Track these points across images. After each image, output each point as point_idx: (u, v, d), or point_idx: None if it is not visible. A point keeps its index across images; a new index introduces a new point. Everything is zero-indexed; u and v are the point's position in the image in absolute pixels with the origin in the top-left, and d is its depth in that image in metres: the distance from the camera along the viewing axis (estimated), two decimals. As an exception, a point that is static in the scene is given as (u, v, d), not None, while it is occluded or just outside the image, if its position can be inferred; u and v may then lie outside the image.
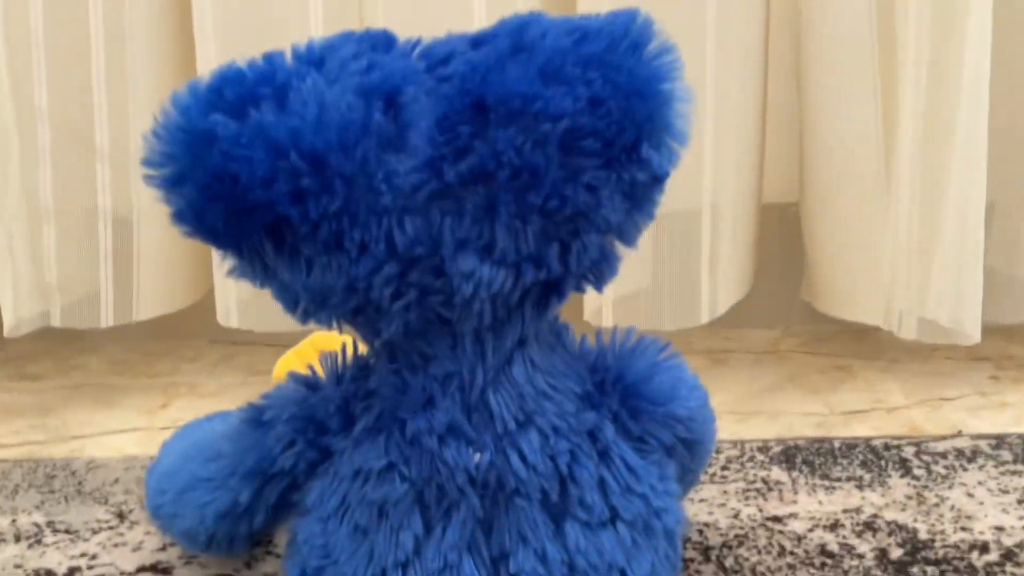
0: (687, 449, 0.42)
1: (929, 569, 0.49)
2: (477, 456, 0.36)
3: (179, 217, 0.35)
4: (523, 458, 0.36)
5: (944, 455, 0.63)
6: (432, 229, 0.34)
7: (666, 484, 0.40)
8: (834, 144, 0.75)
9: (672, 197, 0.37)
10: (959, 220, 0.70)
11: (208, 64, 0.74)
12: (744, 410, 0.75)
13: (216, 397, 0.82)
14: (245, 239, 0.35)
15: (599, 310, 0.76)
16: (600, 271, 0.37)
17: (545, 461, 0.37)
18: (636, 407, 0.39)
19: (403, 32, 0.37)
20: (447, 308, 0.35)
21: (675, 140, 0.35)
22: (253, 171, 0.33)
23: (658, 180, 0.36)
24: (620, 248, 0.38)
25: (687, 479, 0.44)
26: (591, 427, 0.38)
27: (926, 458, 0.63)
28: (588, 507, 0.37)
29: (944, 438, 0.66)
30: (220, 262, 0.38)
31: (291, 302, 0.36)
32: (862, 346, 0.89)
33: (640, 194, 0.36)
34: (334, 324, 0.37)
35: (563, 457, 0.37)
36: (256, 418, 0.40)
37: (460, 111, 0.33)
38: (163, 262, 0.82)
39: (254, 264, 0.36)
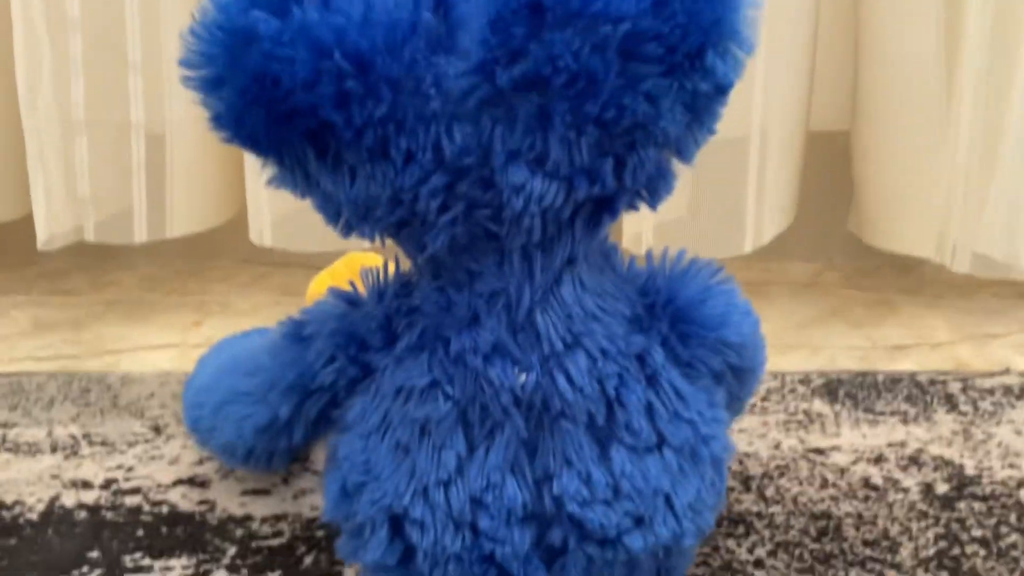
0: (736, 376, 0.41)
1: (976, 505, 0.48)
2: (523, 376, 0.35)
3: (218, 121, 0.33)
4: (570, 380, 0.35)
5: (991, 391, 0.61)
6: (482, 138, 0.32)
7: (714, 411, 0.38)
8: (891, 66, 0.72)
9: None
10: (1020, 151, 0.67)
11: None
12: (785, 343, 0.73)
13: (249, 316, 0.82)
14: (286, 146, 0.33)
15: (639, 236, 0.74)
16: (655, 188, 0.35)
17: (592, 384, 0.36)
18: (686, 331, 0.38)
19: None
20: (495, 222, 0.34)
21: (741, 48, 0.33)
22: (295, 72, 0.31)
23: (722, 90, 0.33)
24: (676, 164, 0.36)
25: (734, 407, 0.43)
26: (640, 351, 0.37)
27: (973, 394, 0.61)
28: (635, 432, 0.36)
29: (991, 375, 0.64)
30: (260, 171, 0.36)
31: (333, 213, 0.35)
32: (906, 281, 0.87)
33: (702, 105, 0.34)
34: (377, 237, 0.35)
35: (611, 380, 0.36)
36: (296, 333, 0.39)
37: (514, 11, 0.31)
38: (196, 178, 0.81)
39: (295, 173, 0.34)
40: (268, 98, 0.32)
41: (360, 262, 0.62)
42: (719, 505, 0.40)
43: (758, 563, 0.43)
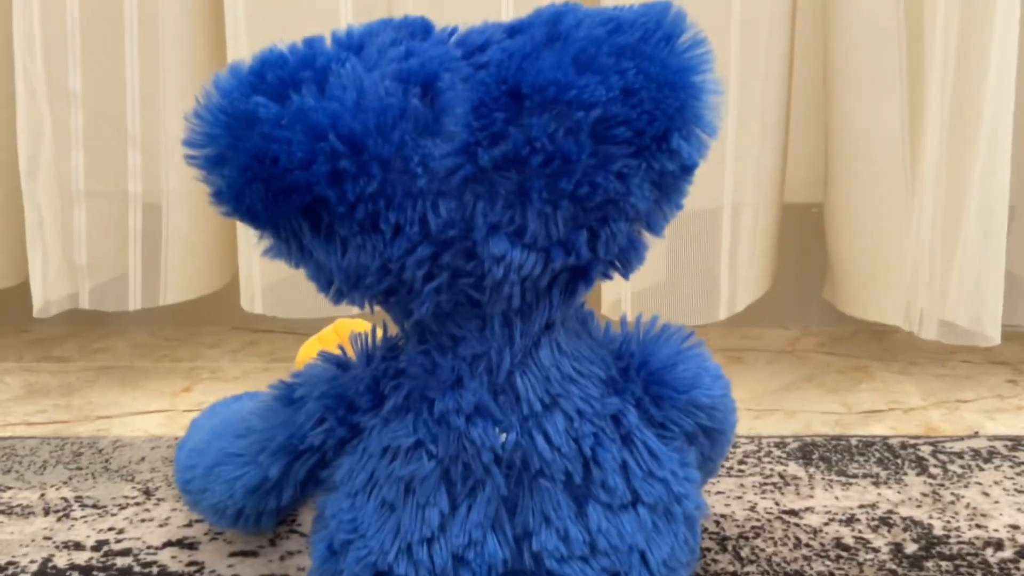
0: (707, 437, 0.42)
1: (944, 564, 0.50)
2: (503, 436, 0.37)
3: (219, 197, 0.36)
4: (548, 439, 0.37)
5: (960, 455, 0.63)
6: (465, 212, 0.34)
7: (687, 470, 0.40)
8: (860, 143, 0.75)
9: (693, 194, 0.38)
10: (981, 222, 0.70)
11: (238, 53, 0.76)
12: (761, 407, 0.75)
13: (238, 381, 0.83)
14: (283, 219, 0.35)
15: (617, 303, 0.76)
16: (627, 258, 0.38)
17: (569, 443, 0.37)
18: (659, 394, 0.40)
19: (434, 21, 0.38)
20: (478, 290, 0.36)
21: (705, 131, 0.36)
22: (293, 153, 0.33)
23: (687, 170, 0.36)
24: (647, 237, 0.38)
25: (707, 468, 0.45)
26: (615, 412, 0.39)
27: (943, 457, 0.63)
28: (610, 490, 0.38)
29: (961, 438, 0.66)
30: (252, 241, 0.39)
31: (325, 282, 0.37)
32: (880, 347, 0.90)
33: (669, 184, 0.36)
34: (367, 305, 0.38)
35: (587, 440, 0.38)
36: (287, 395, 0.41)
37: (496, 98, 0.34)
38: (190, 248, 0.84)
39: (290, 244, 0.37)
40: (267, 176, 0.34)
41: (348, 328, 0.64)
42: (692, 563, 0.41)
43: (732, 620, 0.44)
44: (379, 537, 0.38)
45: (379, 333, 0.41)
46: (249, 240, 0.77)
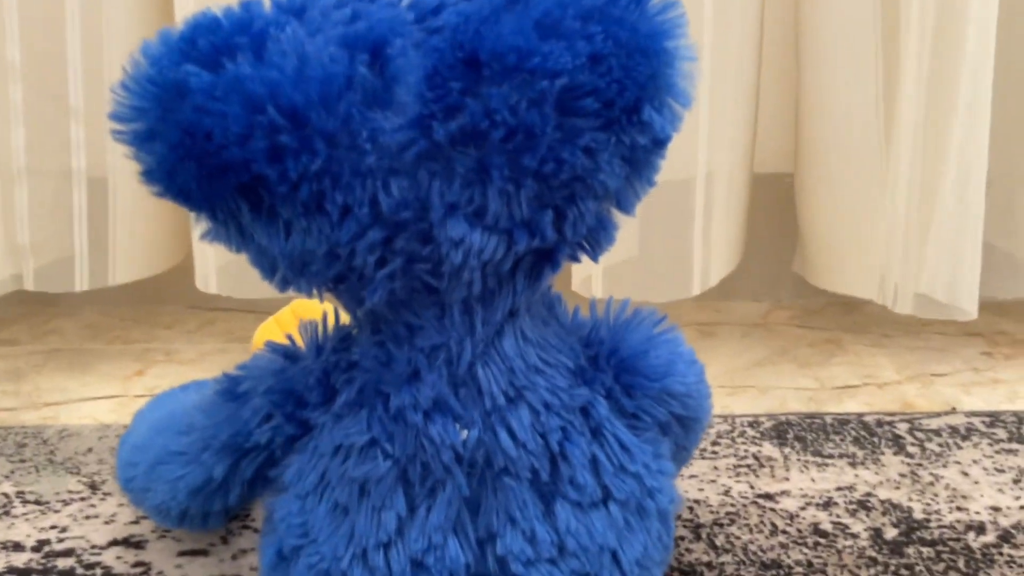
0: (682, 426, 0.40)
1: (925, 550, 0.48)
2: (464, 433, 0.35)
3: (149, 176, 0.33)
4: (512, 435, 0.35)
5: (938, 432, 0.62)
6: (420, 192, 0.32)
7: (660, 463, 0.38)
8: (833, 112, 0.73)
9: (665, 165, 0.35)
10: (959, 193, 0.68)
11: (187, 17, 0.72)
12: (734, 384, 0.73)
13: (194, 364, 0.80)
14: (219, 200, 0.32)
15: (588, 280, 0.74)
16: (596, 239, 0.35)
17: (535, 439, 0.35)
18: (631, 383, 0.38)
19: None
20: (435, 277, 0.33)
21: (678, 102, 0.33)
22: (228, 127, 0.30)
23: (659, 144, 0.34)
24: (617, 216, 0.36)
25: (680, 456, 0.43)
26: (584, 403, 0.36)
27: (920, 435, 0.61)
28: (580, 487, 0.35)
29: (938, 415, 0.65)
30: (193, 225, 0.35)
31: (269, 268, 0.34)
32: (852, 320, 0.88)
33: (640, 158, 0.34)
34: (315, 292, 0.35)
35: (554, 435, 0.35)
36: (231, 390, 0.38)
37: (451, 66, 0.31)
38: (140, 225, 0.80)
39: (229, 227, 0.34)
40: (200, 152, 0.31)
41: (307, 309, 0.61)
42: (666, 560, 0.39)
43: (708, 615, 0.43)
44: (332, 542, 0.35)
45: (330, 321, 0.38)
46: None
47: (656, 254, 0.73)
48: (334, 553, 0.35)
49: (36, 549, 0.48)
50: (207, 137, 0.31)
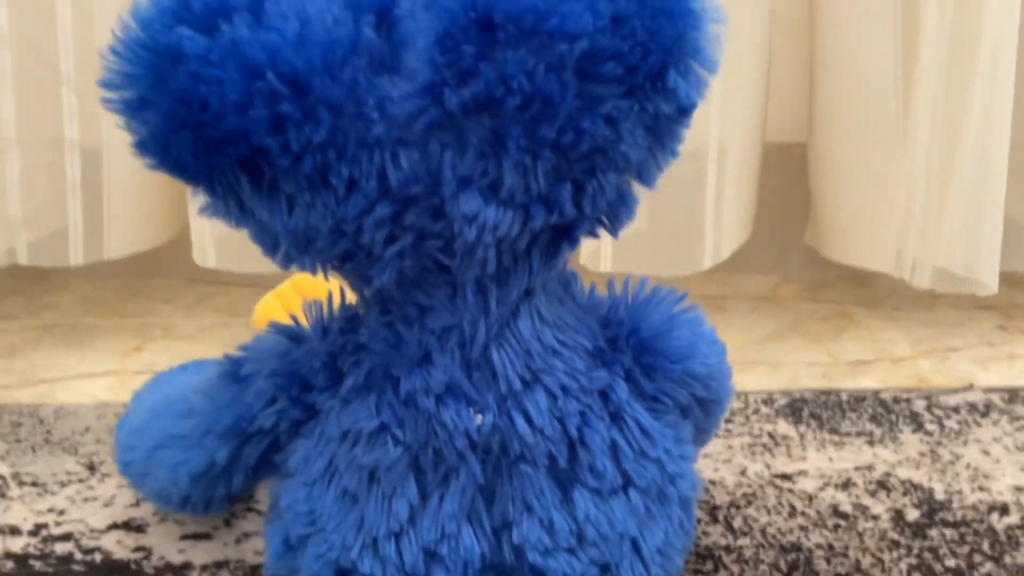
0: (702, 408, 0.39)
1: (948, 532, 0.46)
2: (479, 418, 0.33)
3: (142, 147, 0.31)
4: (529, 420, 0.33)
5: (956, 409, 0.60)
6: (431, 165, 0.30)
7: (681, 447, 0.36)
8: (847, 81, 0.71)
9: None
10: (980, 163, 0.66)
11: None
12: (745, 359, 0.72)
13: (194, 340, 0.78)
14: (217, 173, 0.31)
15: (596, 253, 0.72)
16: (616, 214, 0.33)
17: (553, 424, 0.33)
18: (651, 364, 0.36)
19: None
20: (447, 254, 0.31)
21: (704, 67, 0.31)
22: (224, 94, 0.28)
23: (684, 112, 0.32)
24: (637, 189, 0.34)
25: (700, 439, 0.41)
26: (603, 387, 0.35)
27: (938, 412, 0.60)
28: (599, 473, 0.34)
29: (955, 391, 0.63)
30: (191, 198, 0.34)
31: (271, 245, 0.32)
32: (864, 293, 0.86)
33: (664, 127, 0.32)
34: (319, 270, 0.33)
35: (573, 419, 0.34)
36: (233, 372, 0.36)
37: (463, 28, 0.29)
38: (135, 197, 0.78)
39: (228, 202, 0.32)
40: (196, 122, 0.29)
41: (309, 284, 0.59)
42: (688, 547, 0.38)
43: (727, 602, 0.41)
44: (340, 531, 0.34)
45: (336, 300, 0.36)
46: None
47: (667, 227, 0.71)
48: (343, 543, 0.33)
49: (33, 533, 0.47)
50: (203, 106, 0.29)
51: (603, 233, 0.34)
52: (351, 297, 0.36)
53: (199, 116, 0.29)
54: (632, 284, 0.38)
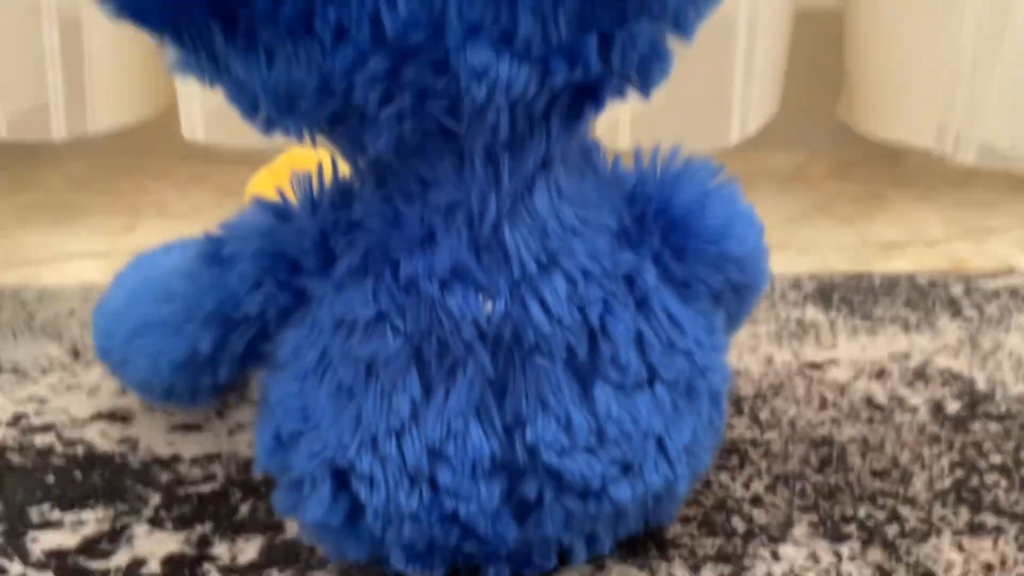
0: (736, 294, 0.35)
1: (992, 426, 0.43)
2: (488, 305, 0.29)
3: None
4: (545, 308, 0.29)
5: (996, 294, 0.57)
6: (433, 8, 0.25)
7: (713, 338, 0.33)
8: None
9: None
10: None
11: None
12: (771, 241, 0.67)
13: (187, 218, 0.75)
14: (185, 20, 0.26)
15: (614, 127, 0.67)
16: (648, 70, 0.29)
17: (572, 311, 0.29)
18: (682, 245, 0.32)
19: None
20: (452, 117, 0.27)
21: None
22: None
23: None
24: (673, 42, 0.29)
25: (729, 327, 0.37)
26: (628, 271, 0.31)
27: (976, 297, 0.56)
28: (622, 366, 0.30)
29: (995, 275, 0.59)
30: (158, 53, 0.29)
31: (249, 105, 0.28)
32: (895, 172, 0.82)
33: None
34: (306, 135, 0.28)
35: (594, 307, 0.30)
36: (214, 252, 0.32)
37: None
38: (119, 66, 0.73)
39: (199, 55, 0.27)
40: None
41: (305, 157, 0.55)
42: (717, 445, 0.34)
43: (755, 500, 0.38)
44: (336, 428, 0.30)
45: (328, 172, 0.32)
46: (185, 56, 0.67)
47: (690, 99, 0.66)
48: (339, 440, 0.30)
49: (12, 424, 0.44)
50: None
51: (629, 96, 0.30)
52: (345, 169, 0.32)
53: None
54: (661, 156, 0.33)
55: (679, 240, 0.32)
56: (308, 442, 0.31)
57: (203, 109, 0.69)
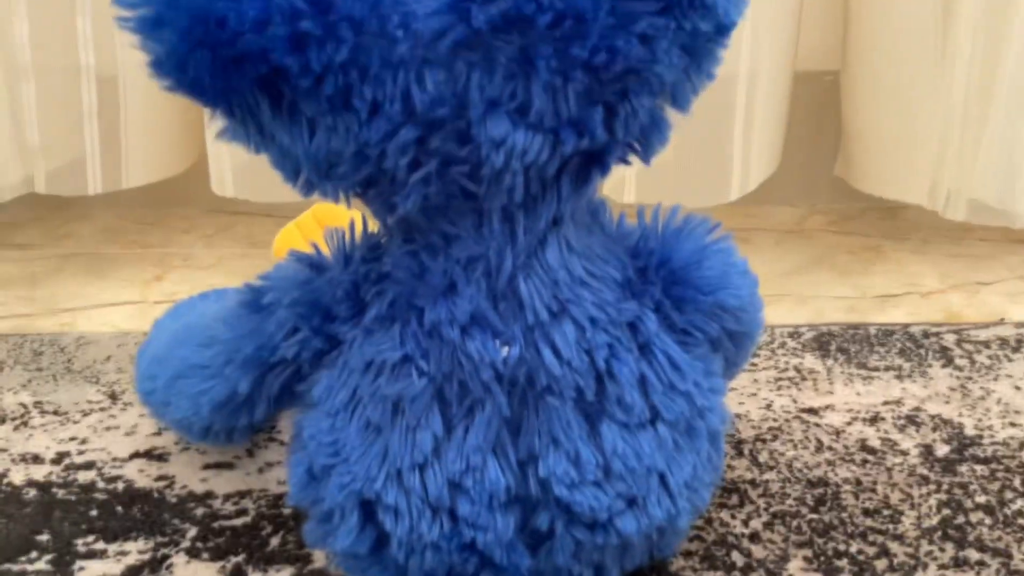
0: (733, 341, 0.38)
1: (979, 468, 0.46)
2: (505, 350, 0.32)
3: (158, 67, 0.29)
4: (556, 352, 0.32)
5: (987, 344, 0.59)
6: (457, 86, 0.28)
7: (711, 381, 0.36)
8: (884, 5, 0.68)
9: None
10: (1019, 94, 0.64)
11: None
12: (770, 292, 0.71)
13: (213, 269, 0.78)
14: (236, 94, 0.29)
15: (620, 183, 0.70)
16: (649, 139, 0.32)
17: (581, 356, 0.32)
18: (681, 296, 0.35)
19: None
20: (473, 181, 0.30)
21: (745, -17, 0.30)
22: (243, 11, 0.27)
23: (723, 31, 0.30)
24: (671, 114, 0.33)
25: (729, 372, 0.40)
26: (632, 318, 0.34)
27: (968, 347, 0.59)
28: (627, 407, 0.33)
29: (986, 326, 0.62)
30: (208, 122, 0.32)
31: (291, 171, 0.31)
32: (891, 225, 0.85)
33: (701, 48, 0.30)
34: (341, 197, 0.32)
35: (601, 351, 0.33)
36: (254, 301, 0.36)
37: None
38: (153, 125, 0.77)
39: (247, 125, 0.31)
40: (213, 41, 0.28)
41: (329, 213, 0.58)
42: (716, 482, 0.37)
43: (754, 536, 0.41)
44: (364, 462, 0.33)
45: (358, 228, 0.35)
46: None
47: (693, 157, 0.69)
48: (367, 473, 0.33)
49: (56, 461, 0.47)
50: (220, 23, 0.27)
51: (632, 161, 0.33)
52: (374, 225, 0.35)
53: (216, 34, 0.27)
54: (663, 213, 0.37)
55: (679, 291, 0.35)
56: (338, 475, 0.34)
57: (232, 165, 0.73)
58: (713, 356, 0.36)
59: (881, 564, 0.39)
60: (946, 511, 0.42)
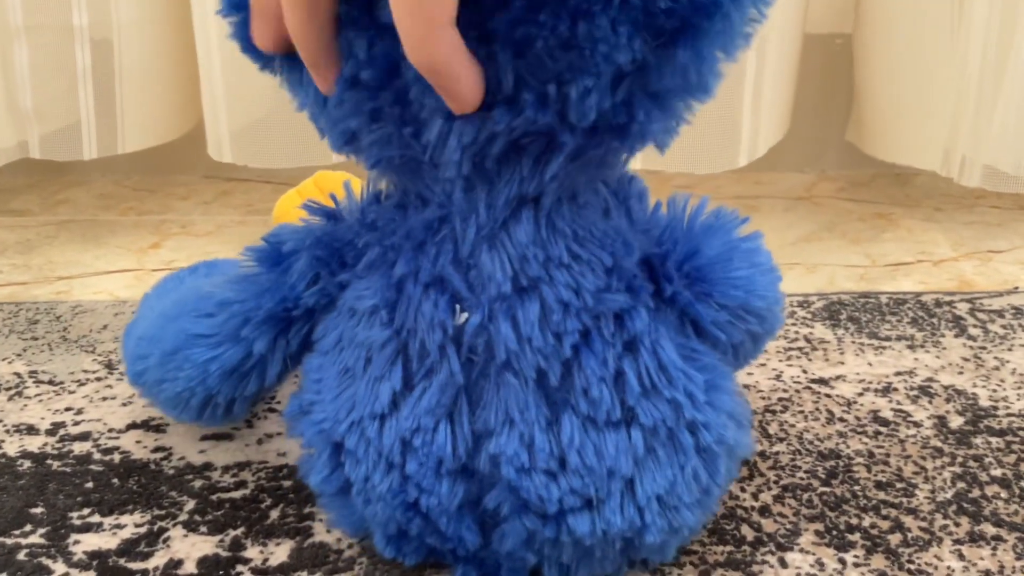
0: (753, 340, 0.36)
1: (994, 440, 0.45)
2: (464, 316, 0.31)
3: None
4: (516, 327, 0.30)
5: (1000, 313, 0.58)
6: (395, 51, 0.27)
7: (714, 396, 0.33)
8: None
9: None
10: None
11: None
12: (780, 261, 0.69)
13: (212, 236, 0.77)
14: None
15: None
16: (623, 128, 0.28)
17: (546, 337, 0.31)
18: (708, 294, 0.33)
19: None
20: (419, 146, 0.29)
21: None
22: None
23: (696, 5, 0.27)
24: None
25: (739, 363, 0.38)
26: (618, 310, 0.32)
27: (981, 316, 0.58)
28: (593, 401, 0.31)
29: (1000, 294, 0.61)
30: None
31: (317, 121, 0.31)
32: (902, 192, 0.83)
33: (667, 25, 0.27)
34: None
35: (570, 337, 0.31)
36: (273, 254, 0.35)
37: None
38: (148, 89, 0.75)
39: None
40: None
41: (329, 181, 0.57)
42: (708, 503, 0.34)
43: (764, 510, 0.40)
44: (335, 404, 0.33)
45: (360, 185, 0.35)
46: (213, 79, 0.69)
47: (701, 122, 0.68)
48: (336, 416, 0.33)
49: (51, 432, 0.46)
50: None
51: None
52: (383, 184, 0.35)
53: None
54: (691, 204, 0.35)
55: (703, 289, 0.33)
56: (315, 412, 0.34)
57: (229, 130, 0.71)
58: (725, 370, 0.34)
59: (895, 539, 0.38)
60: (961, 484, 0.41)
